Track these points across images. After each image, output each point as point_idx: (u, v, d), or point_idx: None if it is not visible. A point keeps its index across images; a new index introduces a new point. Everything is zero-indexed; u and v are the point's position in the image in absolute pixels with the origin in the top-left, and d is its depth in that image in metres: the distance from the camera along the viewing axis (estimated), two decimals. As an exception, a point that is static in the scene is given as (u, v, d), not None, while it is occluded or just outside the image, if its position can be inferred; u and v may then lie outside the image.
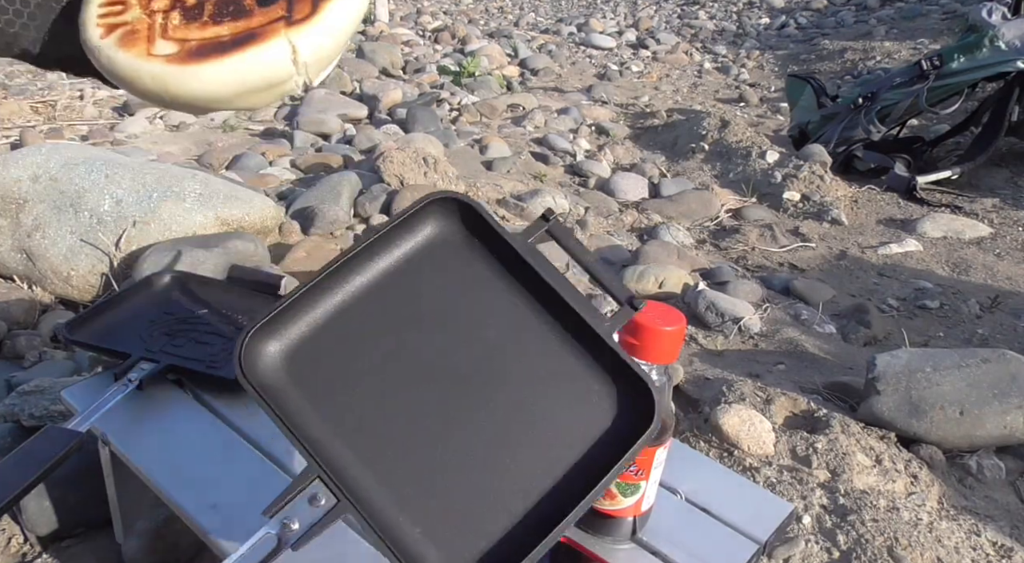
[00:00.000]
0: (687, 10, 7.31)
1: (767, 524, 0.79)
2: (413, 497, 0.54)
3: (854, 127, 3.22)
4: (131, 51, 0.48)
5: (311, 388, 0.56)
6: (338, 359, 0.58)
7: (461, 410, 0.57)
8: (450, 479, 0.55)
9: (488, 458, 0.56)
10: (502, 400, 0.57)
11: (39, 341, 1.57)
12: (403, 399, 0.57)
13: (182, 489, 0.77)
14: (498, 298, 0.60)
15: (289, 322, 0.58)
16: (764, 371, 1.67)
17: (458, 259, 0.61)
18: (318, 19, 0.48)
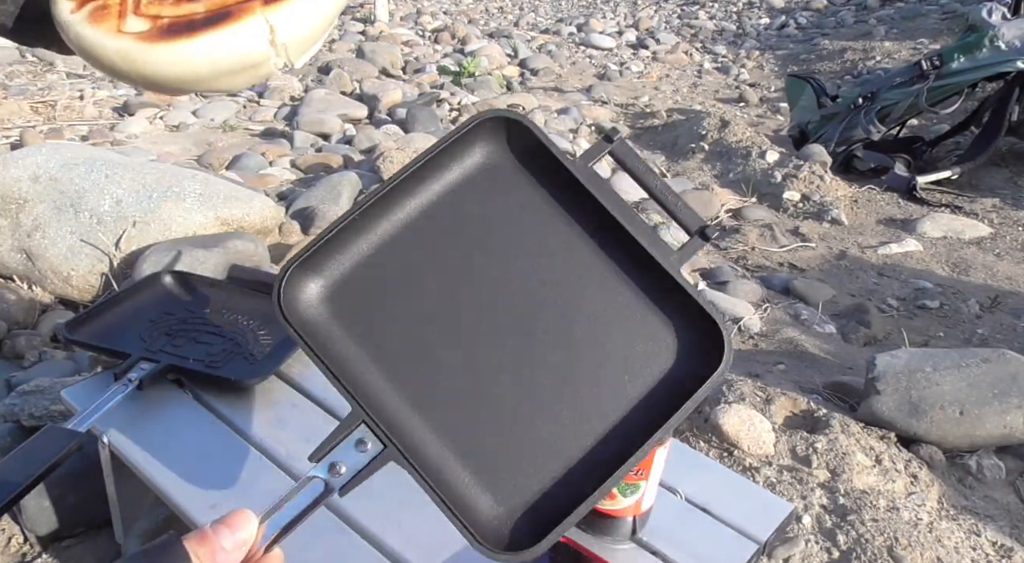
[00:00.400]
0: (687, 10, 7.31)
1: (767, 524, 0.79)
2: (464, 442, 0.51)
3: (854, 127, 3.22)
4: (100, 27, 0.46)
5: (355, 327, 0.53)
6: (384, 296, 0.54)
7: (515, 350, 0.54)
8: (503, 423, 0.52)
9: (542, 401, 0.52)
10: (558, 339, 0.54)
11: (39, 341, 1.57)
12: (453, 338, 0.54)
13: (182, 489, 0.77)
14: (555, 228, 0.56)
15: (330, 257, 0.54)
16: (764, 371, 1.67)
17: (511, 185, 0.57)
18: None
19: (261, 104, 3.84)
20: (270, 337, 1.00)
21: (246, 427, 0.89)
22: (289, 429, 0.88)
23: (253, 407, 0.92)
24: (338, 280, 0.54)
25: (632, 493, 0.70)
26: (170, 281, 1.12)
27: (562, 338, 0.54)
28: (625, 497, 0.70)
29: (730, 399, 1.40)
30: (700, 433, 1.35)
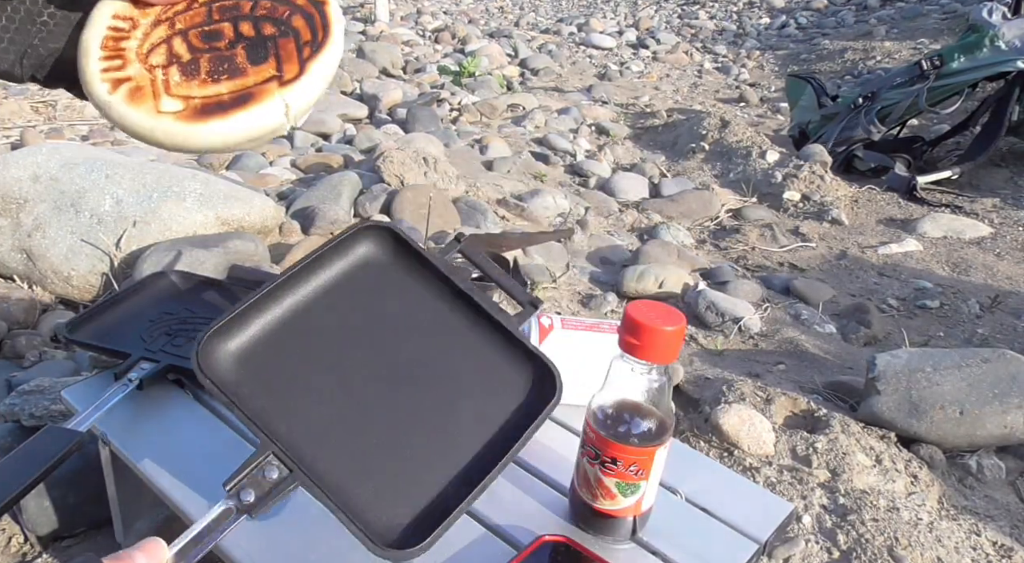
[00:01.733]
0: (687, 10, 7.31)
1: (767, 524, 0.79)
2: (355, 466, 0.62)
3: (854, 127, 3.22)
4: (140, 108, 0.53)
5: (264, 381, 0.65)
6: (287, 357, 0.67)
7: (394, 396, 0.67)
8: (387, 451, 0.64)
9: (419, 432, 0.66)
10: (430, 385, 0.68)
11: (39, 341, 1.57)
12: (345, 389, 0.67)
13: (182, 489, 0.77)
14: (425, 304, 0.72)
15: (241, 326, 0.67)
16: (764, 371, 1.67)
17: (389, 275, 0.73)
18: (307, 78, 0.55)
19: (261, 104, 3.83)
20: None
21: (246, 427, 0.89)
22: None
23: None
24: (247, 345, 0.67)
25: (632, 493, 0.70)
26: (170, 281, 1.12)
27: (433, 384, 0.68)
28: (625, 497, 0.70)
29: (730, 399, 1.40)
30: (700, 433, 1.35)
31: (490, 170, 2.94)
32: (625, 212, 2.75)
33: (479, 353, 0.71)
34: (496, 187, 2.65)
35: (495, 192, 2.60)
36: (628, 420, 0.69)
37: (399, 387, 0.68)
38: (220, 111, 0.53)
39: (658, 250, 2.26)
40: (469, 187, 2.56)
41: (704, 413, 1.38)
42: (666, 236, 2.46)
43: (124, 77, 0.53)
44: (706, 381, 1.57)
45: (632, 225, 2.64)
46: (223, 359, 0.65)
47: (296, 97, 0.54)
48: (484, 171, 2.92)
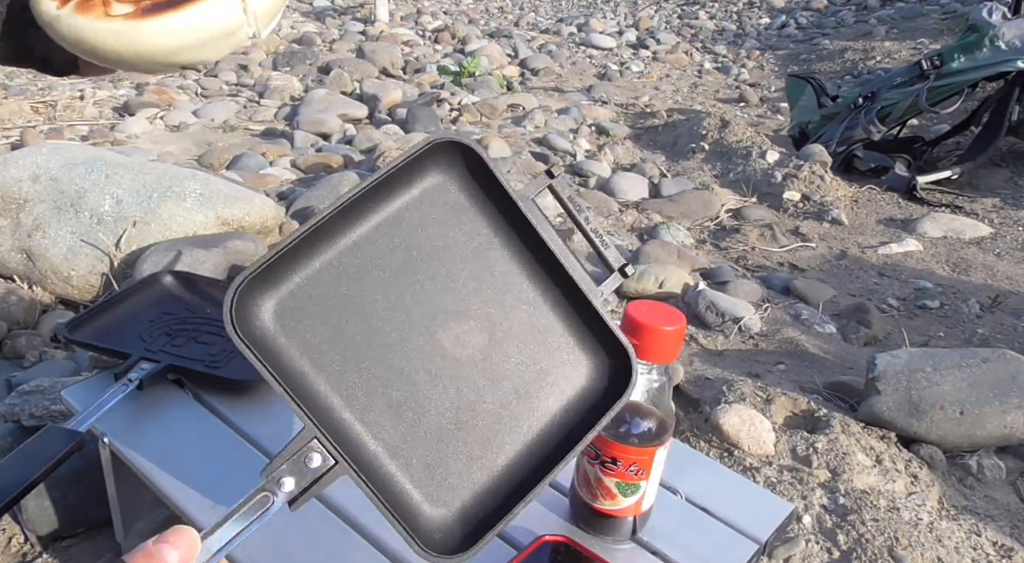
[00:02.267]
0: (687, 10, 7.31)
1: (767, 524, 0.79)
2: (405, 455, 0.55)
3: (854, 127, 3.22)
4: (90, 15, 0.50)
5: (307, 344, 0.55)
6: (332, 314, 0.57)
7: (450, 368, 0.58)
8: (442, 438, 0.56)
9: (473, 416, 0.57)
10: (489, 359, 0.59)
11: (39, 341, 1.57)
12: (399, 357, 0.57)
13: (182, 489, 0.77)
14: (494, 254, 0.60)
15: (282, 273, 0.56)
16: (764, 371, 1.67)
17: (457, 209, 0.60)
18: None
19: (261, 104, 3.84)
20: None
21: (246, 427, 0.89)
22: (290, 428, 0.88)
23: (253, 407, 0.92)
24: (288, 296, 0.56)
25: (633, 493, 0.70)
26: (170, 281, 1.12)
27: (495, 360, 0.59)
28: (626, 497, 0.70)
29: (730, 399, 1.40)
30: (700, 433, 1.35)
31: (490, 170, 2.94)
32: (625, 212, 2.75)
33: (551, 323, 0.60)
34: (496, 187, 2.65)
35: (495, 192, 2.60)
36: (628, 420, 0.69)
37: (459, 363, 0.58)
38: (170, 6, 0.50)
39: (658, 250, 2.26)
40: (469, 187, 2.55)
41: (704, 413, 1.38)
42: (666, 236, 2.46)
43: None
44: (706, 381, 1.57)
45: (632, 225, 2.64)
46: (261, 314, 0.55)
47: None
48: (484, 171, 2.91)
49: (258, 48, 4.83)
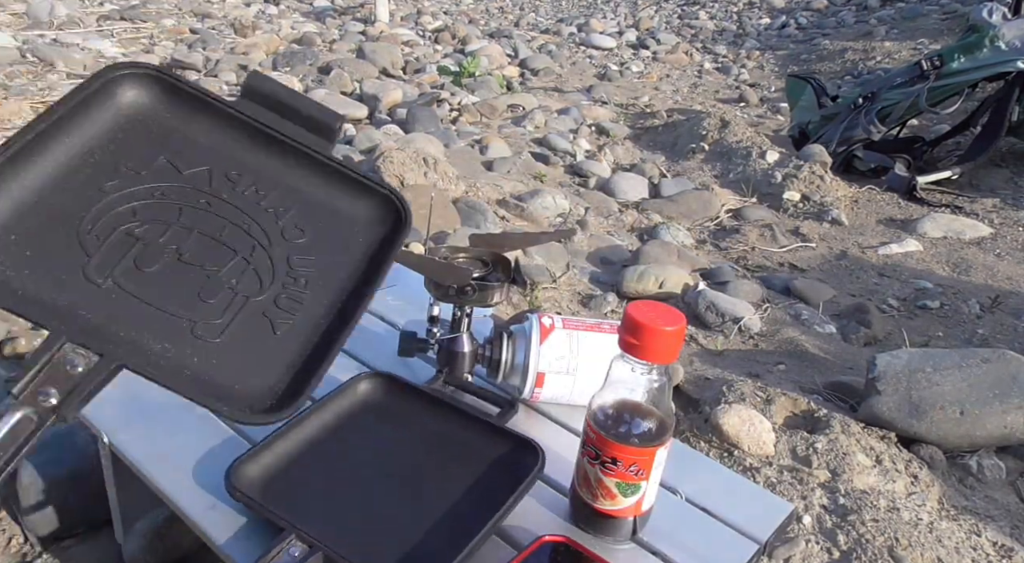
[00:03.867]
0: (687, 10, 7.31)
1: (767, 524, 0.79)
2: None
3: (854, 127, 3.22)
4: None
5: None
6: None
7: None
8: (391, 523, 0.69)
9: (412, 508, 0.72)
10: None
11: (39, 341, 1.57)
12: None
13: (182, 489, 0.77)
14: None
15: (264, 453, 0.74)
16: (764, 371, 1.67)
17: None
18: None
19: (261, 104, 3.83)
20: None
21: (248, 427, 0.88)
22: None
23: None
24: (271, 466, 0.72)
25: (633, 493, 0.70)
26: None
27: None
28: (626, 497, 0.70)
29: (730, 399, 1.40)
30: (700, 433, 1.35)
31: (490, 170, 2.94)
32: (625, 212, 2.75)
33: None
34: (496, 187, 2.65)
35: (495, 192, 2.60)
36: (628, 420, 0.69)
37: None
38: None
39: (658, 250, 2.26)
40: (469, 187, 2.56)
41: (704, 413, 1.38)
42: (666, 236, 2.46)
43: None
44: (706, 381, 1.57)
45: (632, 225, 2.64)
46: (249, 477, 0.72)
47: None
48: (484, 171, 2.92)
49: (258, 48, 4.83)
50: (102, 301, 0.52)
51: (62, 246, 0.53)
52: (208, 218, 0.59)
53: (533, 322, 0.90)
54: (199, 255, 0.57)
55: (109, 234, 0.55)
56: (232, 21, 5.51)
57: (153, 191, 0.58)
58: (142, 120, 0.60)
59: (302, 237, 0.61)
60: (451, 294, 0.85)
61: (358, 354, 1.01)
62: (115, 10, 5.47)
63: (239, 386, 0.53)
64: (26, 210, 0.53)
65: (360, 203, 0.64)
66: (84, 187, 0.56)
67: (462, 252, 0.92)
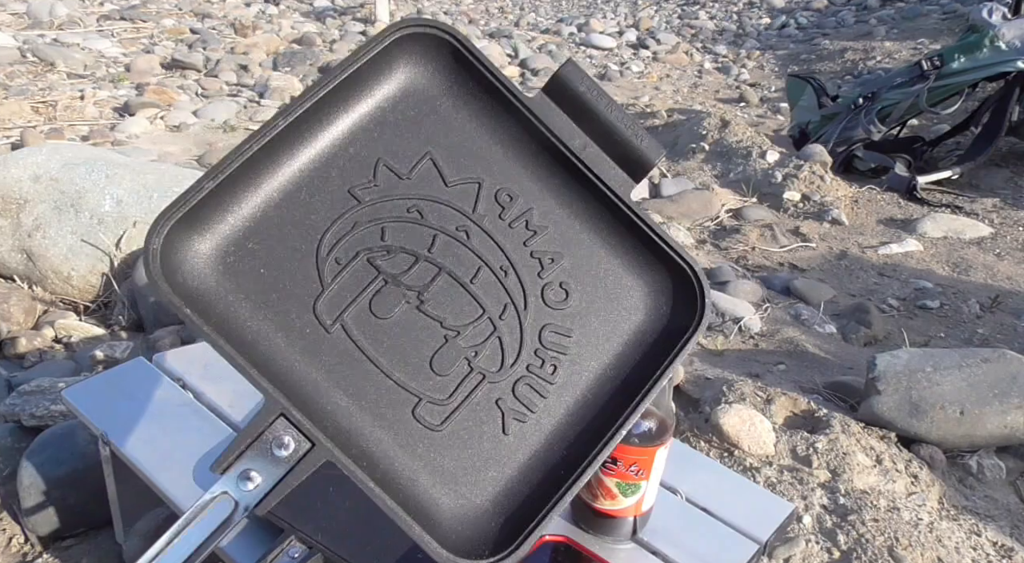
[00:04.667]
0: (687, 10, 7.31)
1: (767, 524, 0.79)
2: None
3: (854, 127, 3.22)
4: None
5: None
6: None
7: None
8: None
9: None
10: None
11: (40, 341, 1.57)
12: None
13: (182, 489, 0.77)
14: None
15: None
16: (764, 371, 1.67)
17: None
18: None
19: (261, 104, 3.84)
20: None
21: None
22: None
23: (255, 406, 0.92)
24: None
25: (633, 493, 0.70)
26: None
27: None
28: (626, 497, 0.70)
29: (730, 399, 1.40)
30: (700, 433, 1.35)
31: (490, 170, 2.94)
32: (625, 212, 2.75)
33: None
34: (496, 187, 2.65)
35: (495, 192, 2.60)
36: (628, 420, 0.69)
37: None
38: None
39: (658, 250, 2.26)
40: (469, 187, 2.56)
41: (704, 413, 1.38)
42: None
43: None
44: (706, 381, 1.57)
45: (632, 225, 2.64)
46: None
47: None
48: (484, 171, 2.91)
49: (258, 48, 4.83)
50: (327, 353, 0.43)
51: (297, 268, 0.44)
52: (462, 254, 0.46)
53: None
54: (442, 305, 0.45)
55: (350, 260, 0.45)
56: (232, 21, 5.51)
57: (409, 206, 0.46)
58: (416, 100, 0.47)
59: (565, 303, 0.47)
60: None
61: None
62: (115, 10, 5.47)
63: (451, 508, 0.42)
64: (271, 211, 0.44)
65: (648, 273, 0.47)
66: (336, 188, 0.46)
67: None
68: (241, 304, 0.42)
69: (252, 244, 0.43)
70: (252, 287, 0.42)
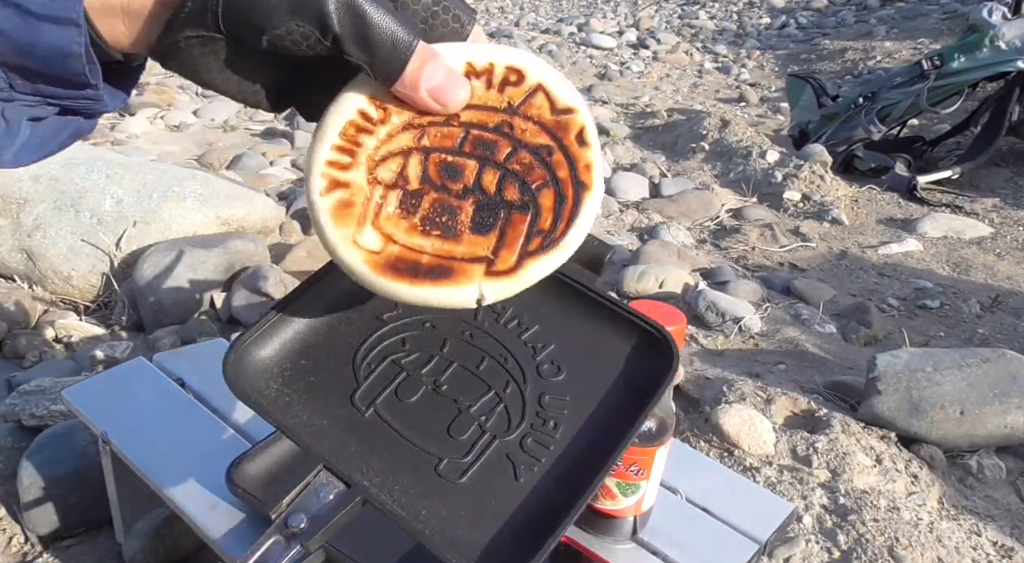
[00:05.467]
0: (687, 10, 7.31)
1: (767, 524, 0.79)
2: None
3: (854, 127, 3.22)
4: (340, 230, 0.48)
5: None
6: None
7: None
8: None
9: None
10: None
11: (40, 341, 1.57)
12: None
13: (182, 489, 0.77)
14: None
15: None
16: (764, 371, 1.67)
17: None
18: (518, 276, 0.48)
19: (261, 104, 3.83)
20: None
21: (248, 428, 0.89)
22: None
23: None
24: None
25: (633, 493, 0.70)
26: None
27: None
28: (626, 497, 0.70)
29: (730, 399, 1.40)
30: (700, 433, 1.35)
31: (490, 170, 2.94)
32: (625, 212, 2.75)
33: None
34: (496, 187, 2.65)
35: (495, 192, 2.60)
36: (628, 420, 0.69)
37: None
38: (410, 275, 0.47)
39: (658, 250, 2.26)
40: (469, 187, 2.56)
41: (704, 413, 1.38)
42: (666, 236, 2.46)
43: (343, 181, 0.48)
44: (706, 381, 1.57)
45: (632, 225, 2.64)
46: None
47: (495, 292, 0.47)
48: (484, 171, 2.91)
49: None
50: (362, 430, 0.56)
51: (338, 373, 0.58)
52: (468, 350, 0.60)
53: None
54: (455, 388, 0.58)
55: (379, 363, 0.59)
56: (232, 21, 5.50)
57: (424, 321, 0.61)
58: None
59: (558, 375, 0.60)
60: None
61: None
62: (115, 10, 5.47)
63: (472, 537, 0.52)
64: (319, 338, 0.60)
65: (623, 342, 0.61)
66: (367, 315, 0.61)
67: None
68: (295, 400, 0.56)
69: (304, 360, 0.59)
70: (303, 389, 0.57)
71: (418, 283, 0.47)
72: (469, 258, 0.48)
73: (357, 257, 0.48)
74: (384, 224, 0.48)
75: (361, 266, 0.48)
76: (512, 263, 0.48)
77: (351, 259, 0.48)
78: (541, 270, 0.48)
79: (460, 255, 0.48)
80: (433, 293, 0.47)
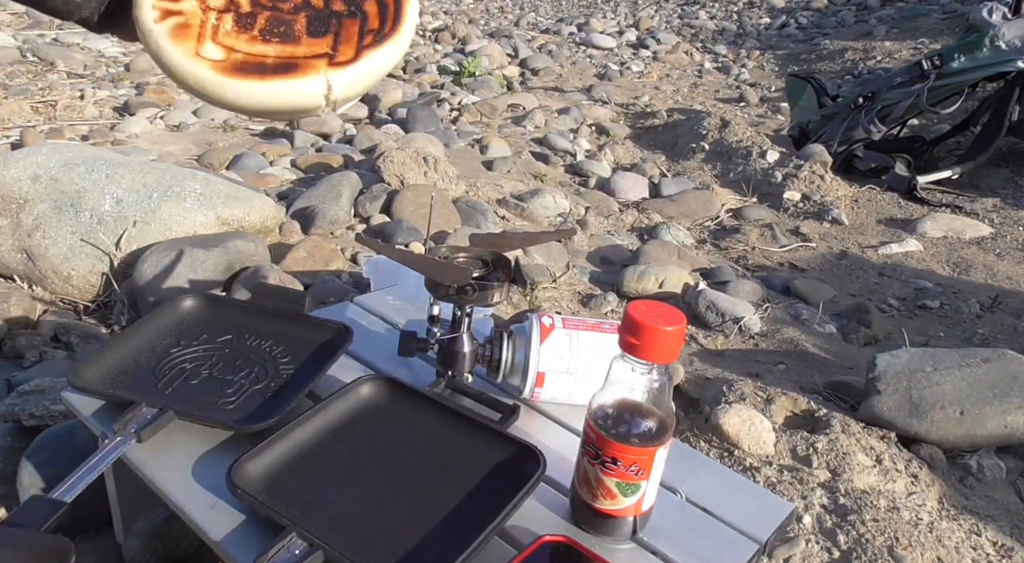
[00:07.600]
0: (687, 10, 7.31)
1: (767, 524, 0.79)
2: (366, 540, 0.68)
3: (854, 127, 3.22)
4: (180, 46, 0.49)
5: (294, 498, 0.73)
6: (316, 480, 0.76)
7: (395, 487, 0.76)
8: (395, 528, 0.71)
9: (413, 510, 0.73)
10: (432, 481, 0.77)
11: (39, 341, 1.57)
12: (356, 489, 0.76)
13: (182, 489, 0.77)
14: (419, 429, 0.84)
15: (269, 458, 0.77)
16: (764, 371, 1.66)
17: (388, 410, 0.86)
18: (359, 65, 0.51)
19: (261, 104, 3.83)
20: (291, 365, 0.93)
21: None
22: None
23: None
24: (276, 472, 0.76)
25: (633, 493, 0.70)
26: (192, 306, 1.03)
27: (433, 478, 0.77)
28: (626, 497, 0.70)
29: (730, 399, 1.40)
30: (700, 433, 1.35)
31: (490, 170, 2.94)
32: (625, 212, 2.75)
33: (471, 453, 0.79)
34: (496, 187, 2.65)
35: (495, 192, 2.60)
36: (628, 420, 0.69)
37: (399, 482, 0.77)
38: (259, 73, 0.49)
39: (658, 250, 2.26)
40: (469, 187, 2.56)
41: (704, 413, 1.38)
42: (666, 236, 2.46)
43: (175, 9, 0.50)
44: (706, 381, 1.57)
45: (632, 225, 2.64)
46: (254, 481, 0.74)
47: (342, 81, 0.50)
48: (484, 171, 2.92)
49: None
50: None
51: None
52: None
53: (533, 322, 0.90)
54: None
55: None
56: (232, 21, 5.50)
57: None
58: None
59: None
60: (451, 294, 0.85)
61: (359, 354, 1.01)
62: (115, 10, 5.47)
63: None
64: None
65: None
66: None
67: (462, 252, 0.92)
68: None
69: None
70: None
71: (267, 79, 0.49)
72: (311, 55, 0.50)
73: (203, 66, 0.49)
74: (224, 39, 0.50)
75: (208, 73, 0.48)
76: (352, 54, 0.51)
77: (197, 70, 0.49)
78: (379, 60, 0.52)
79: (302, 54, 0.50)
80: (282, 87, 0.49)
